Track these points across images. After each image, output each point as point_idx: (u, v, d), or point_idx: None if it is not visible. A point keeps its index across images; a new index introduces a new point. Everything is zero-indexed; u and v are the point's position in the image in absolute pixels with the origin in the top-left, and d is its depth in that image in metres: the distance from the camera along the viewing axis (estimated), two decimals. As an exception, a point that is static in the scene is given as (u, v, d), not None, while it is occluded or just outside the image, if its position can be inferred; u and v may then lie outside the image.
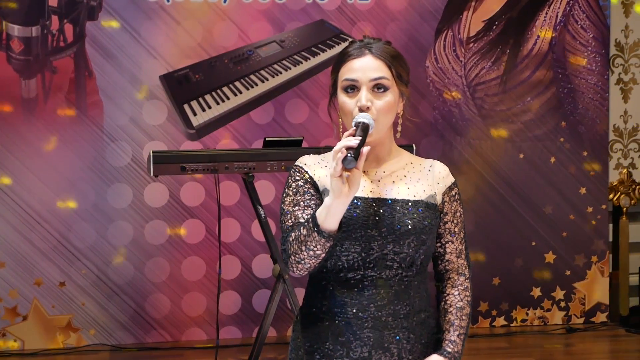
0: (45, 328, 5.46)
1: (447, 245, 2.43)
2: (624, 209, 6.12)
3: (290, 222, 2.32)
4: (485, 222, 5.89)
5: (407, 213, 2.33)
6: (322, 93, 5.63)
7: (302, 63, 5.70)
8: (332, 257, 2.32)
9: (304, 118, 5.66)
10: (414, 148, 4.44)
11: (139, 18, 5.45)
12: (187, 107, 5.55)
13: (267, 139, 4.66)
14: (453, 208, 2.42)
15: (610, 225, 6.13)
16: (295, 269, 2.29)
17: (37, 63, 5.37)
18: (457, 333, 2.39)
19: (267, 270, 5.60)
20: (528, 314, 6.00)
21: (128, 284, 5.52)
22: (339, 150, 2.18)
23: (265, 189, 5.53)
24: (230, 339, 5.61)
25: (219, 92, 5.59)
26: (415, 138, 5.52)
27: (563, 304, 6.02)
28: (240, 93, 5.61)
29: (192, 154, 4.56)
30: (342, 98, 2.35)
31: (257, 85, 5.63)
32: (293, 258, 2.27)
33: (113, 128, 5.46)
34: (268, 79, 5.65)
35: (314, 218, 2.23)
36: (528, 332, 5.90)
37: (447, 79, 5.83)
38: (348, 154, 2.17)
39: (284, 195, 2.37)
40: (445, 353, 2.37)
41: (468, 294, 2.43)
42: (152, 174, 4.40)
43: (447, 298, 2.43)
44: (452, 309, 2.41)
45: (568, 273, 6.01)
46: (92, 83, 5.43)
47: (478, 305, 5.90)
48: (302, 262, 2.27)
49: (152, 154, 4.37)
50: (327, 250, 2.25)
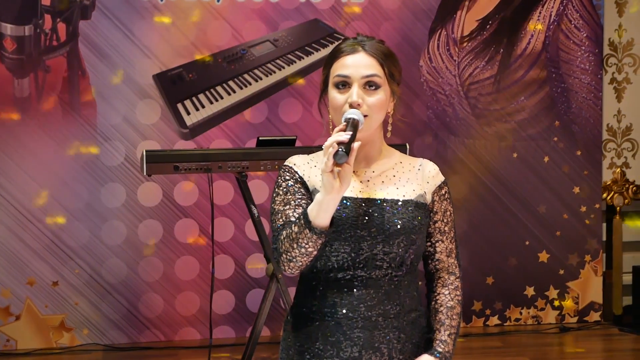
0: (38, 328, 5.45)
1: (437, 245, 2.42)
2: (618, 208, 6.13)
3: (281, 220, 2.31)
4: (479, 221, 5.89)
5: (396, 213, 2.32)
6: (315, 92, 5.60)
7: (295, 62, 5.70)
8: (321, 257, 2.31)
9: (298, 117, 5.66)
10: (408, 147, 4.44)
11: (133, 17, 5.44)
12: (180, 106, 5.54)
13: (260, 138, 4.66)
14: (443, 207, 2.41)
15: (604, 225, 6.14)
16: (287, 268, 2.28)
17: (30, 62, 5.35)
18: (447, 333, 2.38)
19: (260, 270, 5.60)
20: (522, 313, 6.00)
21: (121, 284, 5.51)
22: (330, 145, 2.17)
23: (259, 189, 5.52)
24: (224, 339, 5.60)
25: (213, 91, 5.59)
26: (409, 137, 5.52)
27: (557, 303, 6.02)
28: (234, 92, 5.60)
29: (185, 153, 4.56)
30: (333, 94, 2.34)
31: (250, 85, 5.62)
32: (284, 256, 2.26)
33: (106, 127, 5.45)
34: (262, 78, 5.65)
35: (306, 215, 2.22)
36: (522, 331, 5.90)
37: (441, 79, 5.83)
38: (339, 149, 2.16)
39: (274, 195, 2.36)
40: (436, 353, 2.36)
41: (459, 293, 2.43)
42: (145, 173, 4.39)
43: (437, 297, 2.42)
44: (442, 309, 2.40)
45: (562, 272, 6.02)
46: (85, 82, 5.42)
47: (472, 305, 5.90)
48: (293, 260, 2.25)
49: (145, 154, 4.37)
50: (318, 248, 2.24)
